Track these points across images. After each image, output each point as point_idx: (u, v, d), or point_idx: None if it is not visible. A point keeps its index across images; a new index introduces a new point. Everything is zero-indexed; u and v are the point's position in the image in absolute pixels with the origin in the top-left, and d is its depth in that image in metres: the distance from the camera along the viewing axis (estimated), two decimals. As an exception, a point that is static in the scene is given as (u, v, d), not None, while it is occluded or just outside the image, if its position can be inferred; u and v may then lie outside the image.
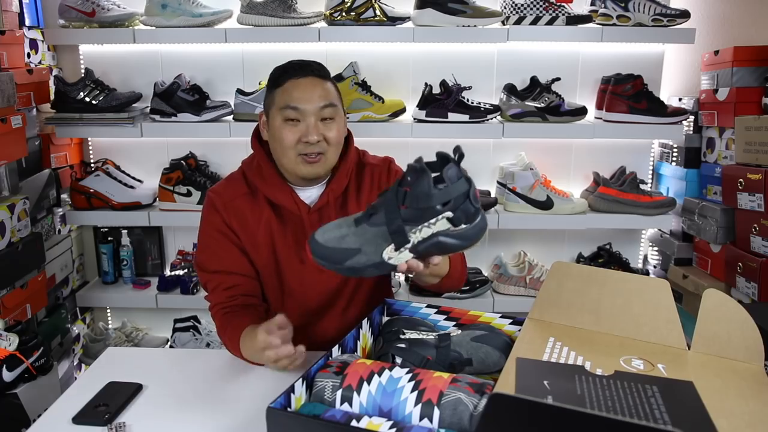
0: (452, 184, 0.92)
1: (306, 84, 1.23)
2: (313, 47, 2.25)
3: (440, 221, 0.93)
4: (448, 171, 0.93)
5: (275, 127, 1.24)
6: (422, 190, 0.92)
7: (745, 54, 2.00)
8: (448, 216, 0.93)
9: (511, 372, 0.87)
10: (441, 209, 0.93)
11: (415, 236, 0.94)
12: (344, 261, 0.96)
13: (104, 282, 2.38)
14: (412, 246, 0.95)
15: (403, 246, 0.95)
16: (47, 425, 1.01)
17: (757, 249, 1.92)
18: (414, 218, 0.93)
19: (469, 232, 0.94)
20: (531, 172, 2.20)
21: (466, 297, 2.25)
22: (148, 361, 1.24)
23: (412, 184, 0.93)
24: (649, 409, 0.77)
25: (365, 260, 0.96)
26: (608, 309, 1.02)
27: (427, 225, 0.93)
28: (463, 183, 0.93)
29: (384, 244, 0.95)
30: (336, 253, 0.97)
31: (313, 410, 0.84)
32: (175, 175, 2.18)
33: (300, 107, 1.21)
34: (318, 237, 0.99)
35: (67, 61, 2.31)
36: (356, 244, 0.96)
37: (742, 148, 1.95)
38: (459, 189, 0.92)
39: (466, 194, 0.93)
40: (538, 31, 2.10)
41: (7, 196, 1.86)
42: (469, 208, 0.93)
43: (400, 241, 0.94)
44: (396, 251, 0.95)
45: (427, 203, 0.92)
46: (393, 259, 0.96)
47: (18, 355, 1.53)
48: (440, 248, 0.95)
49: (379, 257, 0.95)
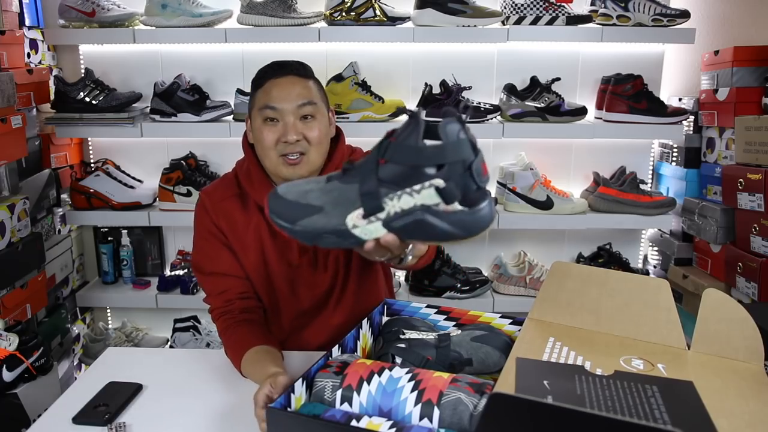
0: (449, 143, 0.72)
1: (284, 83, 1.21)
2: (313, 47, 2.26)
3: (426, 190, 0.73)
4: (447, 126, 0.73)
5: (256, 128, 1.22)
6: (409, 142, 0.73)
7: (745, 54, 2.01)
8: (438, 185, 0.72)
9: (511, 372, 0.87)
10: (430, 174, 0.73)
11: (392, 204, 0.75)
12: (298, 219, 0.79)
13: (104, 282, 2.38)
14: (386, 218, 0.76)
15: (375, 214, 0.76)
16: (47, 425, 1.01)
17: (757, 249, 1.92)
18: (394, 179, 0.74)
19: (466, 219, 0.74)
20: (531, 172, 2.20)
21: (466, 297, 2.25)
22: (148, 361, 1.24)
23: (399, 134, 0.74)
24: (649, 409, 0.77)
25: (323, 223, 0.78)
26: (608, 309, 1.02)
27: (409, 191, 0.74)
28: (466, 146, 0.72)
29: (352, 208, 0.77)
30: (292, 209, 0.80)
31: (313, 410, 0.84)
32: (175, 175, 2.18)
33: (277, 106, 1.19)
34: (280, 189, 0.84)
35: (67, 61, 2.31)
36: (319, 201, 0.79)
37: (742, 148, 1.95)
38: (458, 152, 0.72)
39: (467, 164, 0.72)
40: (538, 31, 2.10)
41: (7, 196, 1.86)
42: (470, 185, 0.73)
43: (371, 207, 0.76)
44: (364, 219, 0.77)
45: (413, 159, 0.73)
46: (359, 230, 0.77)
47: (18, 355, 1.53)
48: (422, 230, 0.75)
49: (342, 222, 0.77)
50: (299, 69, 1.24)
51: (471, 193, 0.73)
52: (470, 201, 0.74)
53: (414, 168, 0.73)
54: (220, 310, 1.27)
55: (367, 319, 1.12)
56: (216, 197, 1.30)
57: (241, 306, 1.27)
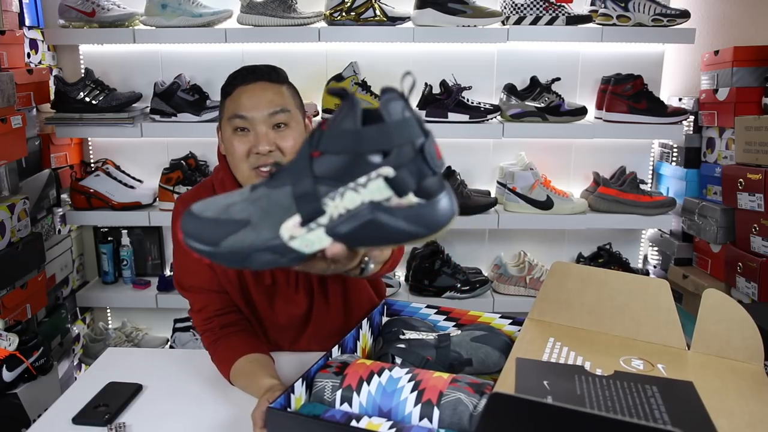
0: (394, 122, 0.61)
1: (254, 89, 1.12)
2: (313, 47, 2.26)
3: (374, 182, 0.61)
4: (389, 103, 0.61)
5: (226, 138, 1.14)
6: (345, 126, 0.61)
7: (745, 54, 2.01)
8: (387, 174, 0.61)
9: (510, 372, 0.87)
10: (375, 162, 0.61)
11: (335, 205, 0.62)
12: (221, 239, 0.65)
13: (104, 282, 2.38)
14: (329, 222, 0.63)
15: (315, 219, 0.63)
16: (47, 425, 1.01)
17: (757, 249, 1.92)
18: (334, 174, 0.62)
19: (425, 213, 0.62)
20: (531, 172, 2.20)
21: (466, 297, 2.25)
22: (148, 361, 1.24)
23: (331, 120, 0.63)
24: (649, 409, 0.77)
25: (252, 239, 0.64)
26: (608, 309, 1.02)
27: (353, 186, 0.61)
28: (413, 125, 0.61)
29: (285, 216, 0.64)
30: (212, 228, 0.66)
31: (313, 410, 0.84)
32: (175, 175, 2.18)
33: (247, 115, 1.10)
34: (195, 207, 0.69)
35: (67, 61, 2.31)
36: (244, 214, 0.66)
37: (742, 148, 1.95)
38: (406, 132, 0.61)
39: (417, 146, 0.61)
40: (538, 31, 2.10)
41: (7, 196, 1.86)
42: (424, 171, 0.61)
43: (309, 211, 0.63)
44: (303, 227, 0.64)
45: (353, 146, 0.61)
46: (298, 241, 0.64)
47: (18, 355, 1.53)
48: (375, 233, 0.62)
49: (275, 235, 0.64)
50: (270, 74, 1.15)
51: (427, 182, 0.62)
52: (427, 191, 0.62)
53: (355, 157, 0.61)
54: (201, 327, 1.23)
55: (367, 319, 1.12)
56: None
57: (221, 323, 1.21)
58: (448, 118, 2.14)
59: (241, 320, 1.24)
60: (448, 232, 2.32)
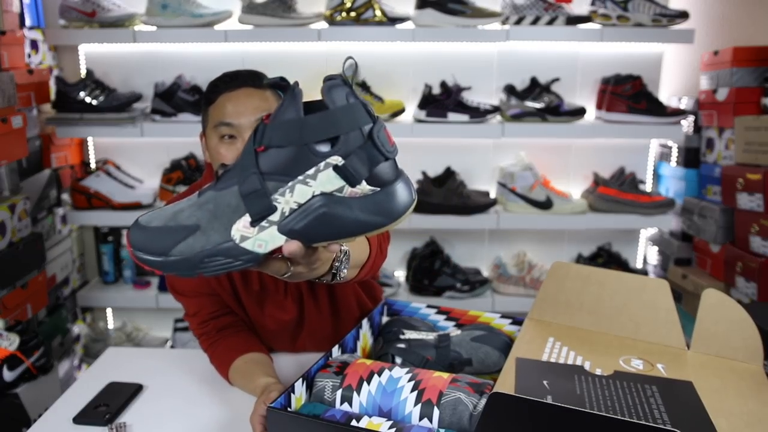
0: (338, 108, 0.59)
1: (239, 96, 1.09)
2: (313, 47, 2.26)
3: (323, 173, 0.59)
4: (332, 90, 0.59)
5: (212, 147, 1.11)
6: (287, 116, 0.59)
7: (744, 54, 2.01)
8: (337, 163, 0.59)
9: (510, 372, 0.88)
10: (323, 152, 0.59)
11: (285, 201, 0.60)
12: (171, 248, 0.62)
13: (105, 282, 2.38)
14: (281, 219, 0.61)
15: (265, 217, 0.61)
16: (48, 425, 1.01)
17: (756, 249, 1.92)
18: (281, 168, 0.60)
19: (381, 200, 0.60)
20: (531, 172, 2.21)
21: (466, 297, 2.25)
22: (148, 361, 1.25)
23: (275, 111, 0.61)
24: (649, 409, 0.78)
25: (203, 243, 0.62)
26: (608, 309, 1.03)
27: (302, 179, 0.59)
28: (360, 110, 0.59)
29: (235, 216, 0.62)
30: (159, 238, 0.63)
31: (313, 410, 0.84)
32: (176, 175, 2.18)
33: (234, 122, 1.07)
34: (142, 219, 0.67)
35: (68, 62, 2.32)
36: (192, 219, 0.63)
37: (741, 148, 1.96)
38: (352, 118, 0.59)
39: (366, 131, 0.59)
40: (538, 31, 2.11)
41: (7, 196, 1.87)
42: (376, 157, 0.59)
43: (258, 208, 0.61)
44: (253, 226, 0.61)
45: (298, 137, 0.58)
46: (250, 242, 0.61)
47: (18, 355, 1.53)
48: (330, 226, 0.60)
49: (227, 237, 0.62)
50: (254, 79, 1.13)
51: (380, 169, 0.60)
52: (380, 179, 0.60)
53: (301, 148, 0.59)
54: (197, 331, 1.23)
55: (367, 319, 1.12)
56: None
57: (217, 325, 1.21)
58: (447, 119, 2.14)
59: (236, 322, 1.24)
60: (447, 233, 2.31)
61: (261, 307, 1.24)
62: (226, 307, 1.24)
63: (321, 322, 1.27)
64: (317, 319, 1.26)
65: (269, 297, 1.23)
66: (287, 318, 1.24)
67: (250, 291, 1.22)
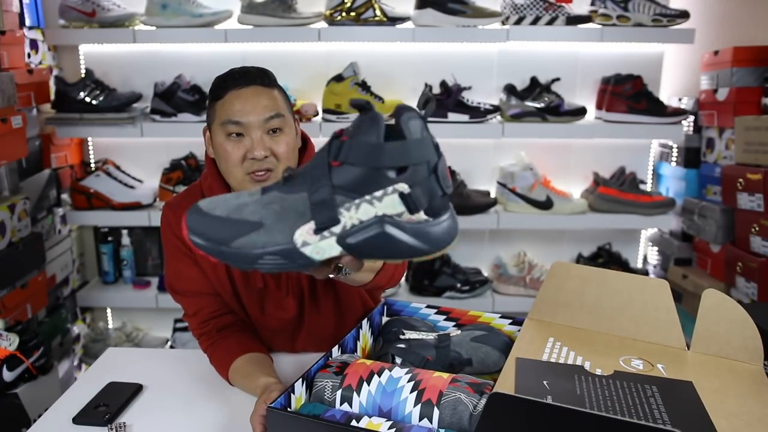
0: (413, 140, 0.63)
1: (248, 94, 1.10)
2: (313, 47, 2.26)
3: (389, 197, 0.63)
4: (410, 121, 0.63)
5: (218, 143, 1.12)
6: (368, 140, 0.63)
7: (744, 54, 2.01)
8: (402, 191, 0.63)
9: (510, 372, 0.88)
10: (391, 178, 0.64)
11: (349, 216, 0.64)
12: (232, 240, 0.65)
13: (104, 282, 2.38)
14: (342, 232, 0.65)
15: (329, 228, 0.65)
16: (47, 425, 1.01)
17: (756, 249, 1.92)
18: (351, 185, 0.64)
19: (431, 232, 0.65)
20: (531, 172, 2.21)
21: (466, 297, 2.25)
22: (148, 361, 1.24)
23: (353, 132, 0.65)
24: (649, 409, 0.77)
25: (265, 241, 0.65)
26: (608, 309, 1.03)
27: (369, 199, 0.63)
28: (429, 145, 0.64)
29: (300, 221, 0.65)
30: (222, 227, 0.66)
31: (313, 410, 0.84)
32: (176, 175, 2.18)
33: (242, 120, 1.08)
34: (203, 204, 0.70)
35: (68, 61, 2.32)
36: (257, 216, 0.66)
37: (741, 148, 1.95)
38: (423, 152, 0.64)
39: (431, 166, 0.64)
40: (538, 31, 2.10)
41: (7, 196, 1.87)
42: (435, 190, 0.65)
43: (325, 219, 0.65)
44: (316, 235, 0.65)
45: (373, 161, 0.63)
46: (310, 248, 0.65)
47: (18, 355, 1.53)
48: (383, 246, 0.64)
49: (289, 239, 0.65)
50: (263, 78, 1.13)
51: (436, 201, 0.65)
52: (435, 210, 0.65)
53: (374, 171, 0.63)
54: (197, 331, 1.23)
55: (367, 319, 1.12)
56: (180, 211, 1.21)
57: (217, 325, 1.21)
58: (448, 118, 2.14)
59: (236, 321, 1.24)
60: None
61: (261, 305, 1.24)
62: (226, 307, 1.24)
63: (322, 322, 1.27)
64: (317, 318, 1.27)
65: (270, 295, 1.23)
66: (287, 317, 1.24)
67: (251, 289, 1.22)
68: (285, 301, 1.23)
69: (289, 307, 1.23)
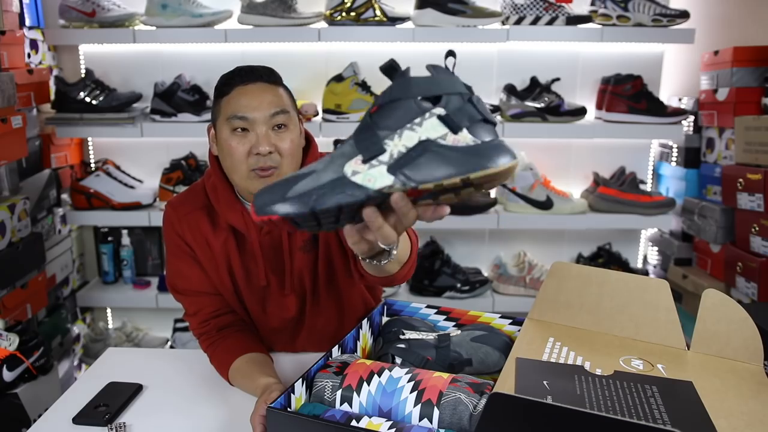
0: (441, 76, 0.70)
1: (254, 90, 1.11)
2: (313, 47, 2.26)
3: (428, 120, 0.67)
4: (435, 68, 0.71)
5: (223, 139, 1.12)
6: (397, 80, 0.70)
7: (744, 54, 2.01)
8: (440, 113, 0.67)
9: (510, 372, 0.88)
10: (427, 108, 0.68)
11: (394, 144, 0.67)
12: (289, 190, 0.69)
13: (104, 282, 2.38)
14: (389, 160, 0.67)
15: (376, 156, 0.68)
16: (47, 425, 1.01)
17: (756, 249, 1.92)
18: (392, 123, 0.68)
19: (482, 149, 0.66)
20: (531, 172, 2.21)
21: (466, 297, 2.25)
22: (148, 361, 1.24)
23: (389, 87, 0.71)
24: (649, 409, 0.77)
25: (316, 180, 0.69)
26: (608, 309, 1.03)
27: (409, 126, 0.67)
28: (459, 82, 0.70)
29: (349, 158, 0.69)
30: (280, 187, 0.70)
31: (313, 410, 0.84)
32: (176, 175, 2.18)
33: (248, 116, 1.09)
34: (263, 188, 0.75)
35: (68, 61, 2.32)
36: (309, 169, 0.71)
37: (741, 148, 1.95)
38: (453, 85, 0.69)
39: (464, 95, 0.69)
40: (538, 31, 2.10)
41: (7, 196, 1.87)
42: (474, 114, 0.68)
43: (371, 150, 0.68)
44: (365, 164, 0.68)
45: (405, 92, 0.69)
46: (360, 176, 0.67)
47: (18, 355, 1.53)
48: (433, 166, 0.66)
49: (339, 172, 0.68)
50: (269, 75, 1.14)
51: (478, 125, 0.67)
52: (479, 133, 0.67)
53: (408, 102, 0.68)
54: (197, 330, 1.23)
55: (367, 319, 1.12)
56: (182, 211, 1.21)
57: (217, 324, 1.21)
58: (448, 118, 2.13)
59: (237, 321, 1.24)
60: (447, 233, 2.31)
61: (263, 304, 1.24)
62: (227, 307, 1.24)
63: (323, 321, 1.27)
64: (318, 317, 1.27)
65: (272, 294, 1.23)
66: (288, 316, 1.25)
67: (252, 288, 1.23)
68: (287, 300, 1.23)
69: (290, 306, 1.24)
